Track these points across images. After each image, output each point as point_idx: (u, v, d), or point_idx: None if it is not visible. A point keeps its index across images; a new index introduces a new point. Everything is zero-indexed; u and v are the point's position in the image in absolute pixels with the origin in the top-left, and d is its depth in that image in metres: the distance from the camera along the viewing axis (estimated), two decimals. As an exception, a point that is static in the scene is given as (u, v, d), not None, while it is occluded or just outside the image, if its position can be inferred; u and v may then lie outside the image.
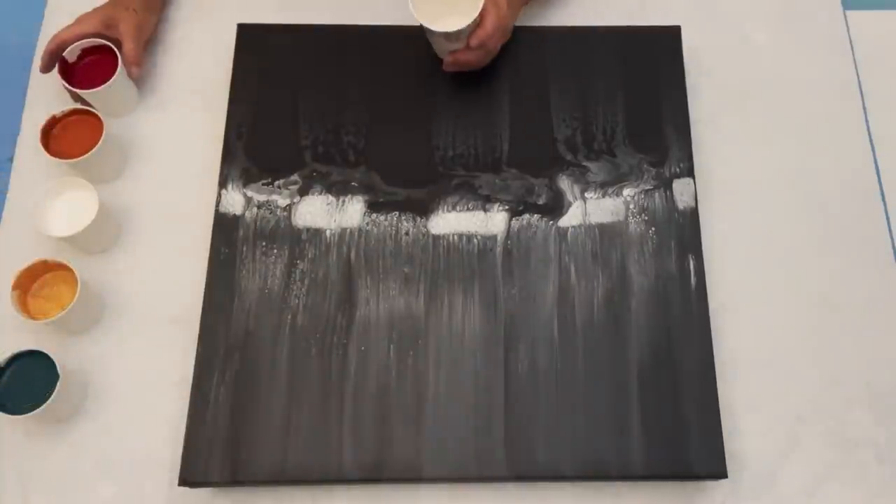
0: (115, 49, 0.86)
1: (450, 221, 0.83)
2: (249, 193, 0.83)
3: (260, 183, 0.84)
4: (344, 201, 0.83)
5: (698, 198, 0.84)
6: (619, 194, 0.84)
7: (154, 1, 0.90)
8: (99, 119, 0.84)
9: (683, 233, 0.82)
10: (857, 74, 0.94)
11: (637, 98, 0.88)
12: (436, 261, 0.81)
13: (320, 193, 0.84)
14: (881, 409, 0.81)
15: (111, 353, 0.81)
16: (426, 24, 0.80)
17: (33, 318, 0.78)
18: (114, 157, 0.86)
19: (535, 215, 0.83)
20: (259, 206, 0.83)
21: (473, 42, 0.81)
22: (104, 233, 0.83)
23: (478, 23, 0.80)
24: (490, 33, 0.81)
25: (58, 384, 0.74)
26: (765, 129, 0.91)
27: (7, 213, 0.87)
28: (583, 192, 0.84)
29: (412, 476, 0.74)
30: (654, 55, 0.90)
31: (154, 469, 0.77)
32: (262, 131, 0.86)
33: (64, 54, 0.86)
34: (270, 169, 0.84)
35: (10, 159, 0.89)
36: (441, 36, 0.80)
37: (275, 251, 0.81)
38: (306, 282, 0.80)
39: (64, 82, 0.84)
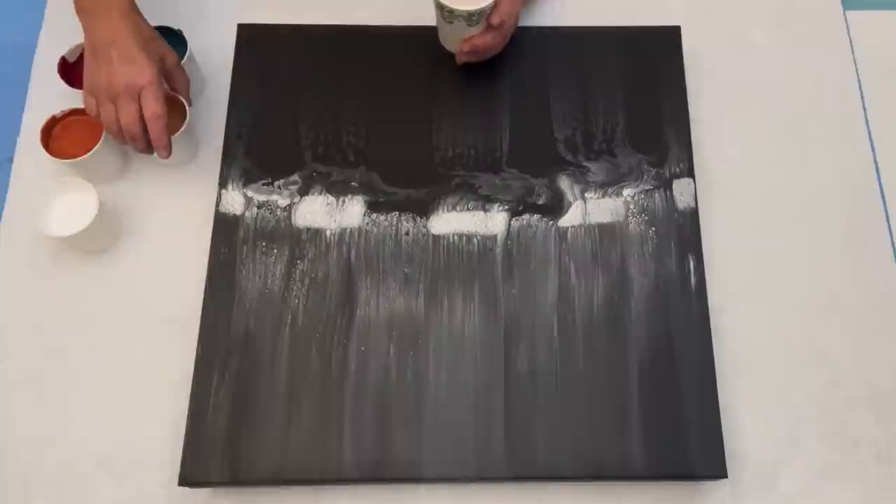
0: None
1: (450, 221, 0.83)
2: (249, 193, 0.83)
3: (260, 183, 0.84)
4: (344, 201, 0.83)
5: (698, 198, 0.84)
6: (619, 194, 0.84)
7: (138, 10, 0.81)
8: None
9: (683, 233, 0.82)
10: (857, 74, 0.94)
11: (637, 98, 0.88)
12: (436, 261, 0.81)
13: (320, 193, 0.84)
14: (881, 409, 0.81)
15: (111, 352, 0.81)
16: (449, 5, 0.79)
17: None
18: (114, 157, 0.86)
19: (535, 215, 0.83)
20: (259, 206, 0.83)
21: (495, 19, 0.81)
22: (104, 233, 0.83)
23: (494, 4, 0.80)
24: (510, 10, 0.81)
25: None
26: (765, 129, 0.91)
27: (7, 213, 0.87)
28: (583, 192, 0.84)
29: (412, 476, 0.74)
30: (654, 55, 0.90)
31: (154, 469, 0.77)
32: (262, 131, 0.86)
33: (64, 54, 0.86)
34: (270, 169, 0.84)
35: (10, 159, 0.89)
36: (463, 17, 0.80)
37: (275, 251, 0.81)
38: (306, 282, 0.80)
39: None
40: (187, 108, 0.84)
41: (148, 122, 0.77)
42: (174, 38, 0.87)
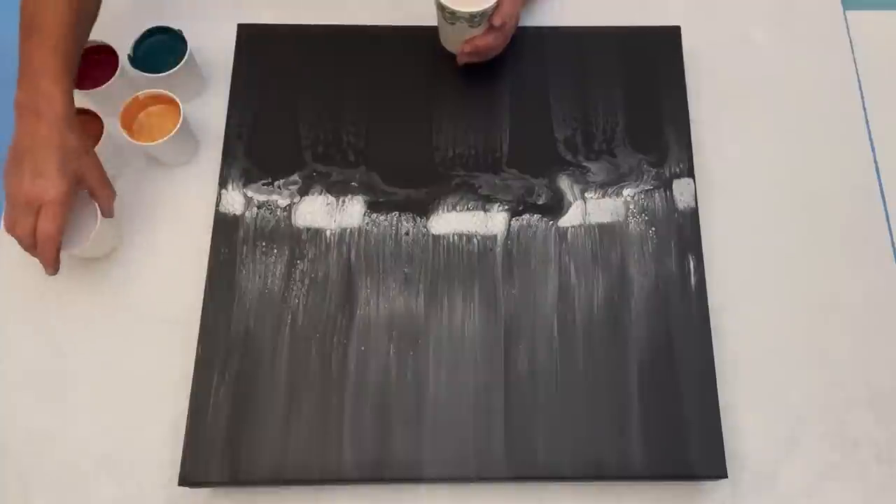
0: (115, 49, 0.86)
1: (450, 221, 0.83)
2: (249, 193, 0.83)
3: (260, 183, 0.84)
4: (344, 201, 0.83)
5: (698, 198, 0.84)
6: (619, 194, 0.84)
7: (75, 121, 0.76)
8: (99, 119, 0.84)
9: (683, 233, 0.82)
10: (857, 74, 0.94)
11: (637, 98, 0.88)
12: (436, 261, 0.81)
13: (320, 193, 0.84)
14: (881, 409, 0.81)
15: (111, 352, 0.81)
16: (451, 6, 0.80)
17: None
18: (112, 157, 0.86)
19: (535, 215, 0.83)
20: (259, 206, 0.83)
21: (497, 20, 0.81)
22: (105, 233, 0.83)
23: (496, 5, 0.80)
24: (511, 11, 0.81)
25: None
26: (765, 129, 0.91)
27: (7, 213, 0.87)
28: (583, 192, 0.84)
29: (412, 476, 0.74)
30: (654, 55, 0.90)
31: (154, 469, 0.77)
32: (262, 131, 0.86)
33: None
34: (270, 169, 0.84)
35: (11, 159, 0.89)
36: (465, 19, 0.80)
37: (275, 251, 0.81)
38: (306, 282, 0.80)
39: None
40: (181, 108, 0.84)
41: (38, 241, 0.73)
42: (174, 38, 0.87)
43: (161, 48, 0.87)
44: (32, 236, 0.74)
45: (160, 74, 0.85)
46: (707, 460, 0.75)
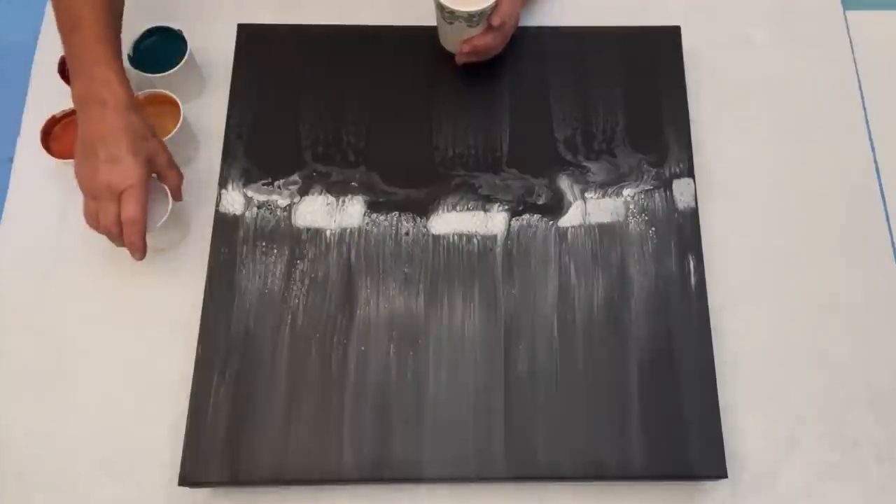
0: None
1: (450, 221, 0.83)
2: (249, 193, 0.83)
3: (260, 183, 0.84)
4: (344, 201, 0.83)
5: (698, 198, 0.84)
6: (619, 194, 0.84)
7: (136, 104, 0.77)
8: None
9: (683, 233, 0.82)
10: (857, 74, 0.94)
11: (637, 98, 0.88)
12: (436, 261, 0.81)
13: (320, 193, 0.84)
14: (881, 409, 0.81)
15: (111, 352, 0.81)
16: (450, 6, 0.80)
17: None
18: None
19: (535, 215, 0.83)
20: (259, 206, 0.83)
21: (495, 20, 0.81)
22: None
23: (494, 5, 0.80)
24: (510, 11, 0.81)
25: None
26: (765, 129, 0.91)
27: (7, 213, 0.87)
28: (583, 192, 0.84)
29: (412, 476, 0.74)
30: (654, 55, 0.90)
31: (154, 469, 0.77)
32: (262, 131, 0.86)
33: (64, 55, 0.86)
34: (270, 169, 0.84)
35: (10, 159, 0.89)
36: (464, 18, 0.80)
37: (275, 251, 0.81)
38: (306, 282, 0.80)
39: None
40: (181, 108, 0.84)
41: (124, 225, 0.73)
42: (174, 38, 0.87)
43: (161, 48, 0.87)
44: (118, 224, 0.74)
45: (160, 74, 0.85)
46: (707, 460, 0.75)
